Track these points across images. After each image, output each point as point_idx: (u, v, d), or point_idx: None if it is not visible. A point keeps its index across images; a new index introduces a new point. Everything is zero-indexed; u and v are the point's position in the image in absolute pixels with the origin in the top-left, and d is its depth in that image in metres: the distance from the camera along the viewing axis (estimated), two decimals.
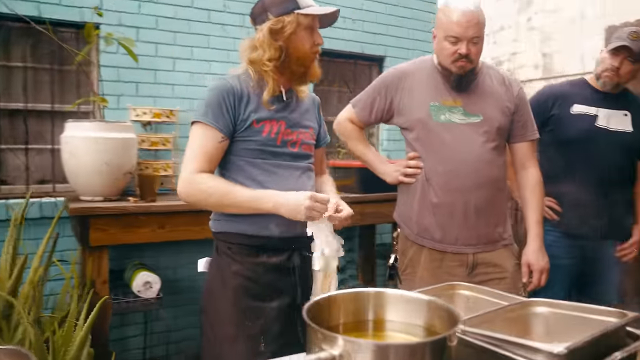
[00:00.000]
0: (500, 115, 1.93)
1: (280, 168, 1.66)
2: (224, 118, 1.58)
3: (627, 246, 2.32)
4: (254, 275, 1.63)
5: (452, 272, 1.91)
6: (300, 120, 1.72)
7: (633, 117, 2.31)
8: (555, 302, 1.39)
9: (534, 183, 2.01)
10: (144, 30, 3.01)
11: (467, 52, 1.83)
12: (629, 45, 2.17)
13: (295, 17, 1.59)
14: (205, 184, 1.56)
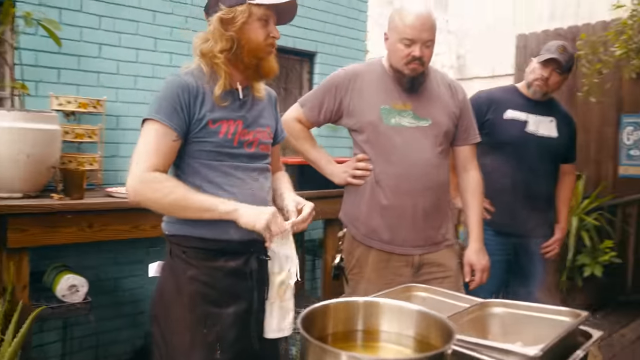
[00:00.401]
0: (447, 119, 2.00)
1: (238, 170, 1.60)
2: (178, 116, 1.50)
3: (551, 243, 2.52)
4: (211, 280, 1.56)
5: (398, 272, 1.96)
6: (257, 119, 1.67)
7: (558, 123, 2.50)
8: (510, 302, 1.47)
9: (475, 186, 2.09)
10: (68, 12, 2.77)
11: (421, 55, 1.87)
12: (557, 58, 2.34)
13: (248, 7, 1.53)
14: (161, 183, 1.46)
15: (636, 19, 3.77)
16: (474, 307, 1.42)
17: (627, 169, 4.68)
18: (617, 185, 4.74)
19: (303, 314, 0.91)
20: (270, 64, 1.62)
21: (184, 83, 1.53)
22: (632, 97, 4.68)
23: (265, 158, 1.71)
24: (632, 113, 4.66)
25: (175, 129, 1.49)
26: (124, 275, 2.99)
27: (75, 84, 2.82)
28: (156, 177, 1.46)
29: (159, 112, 1.49)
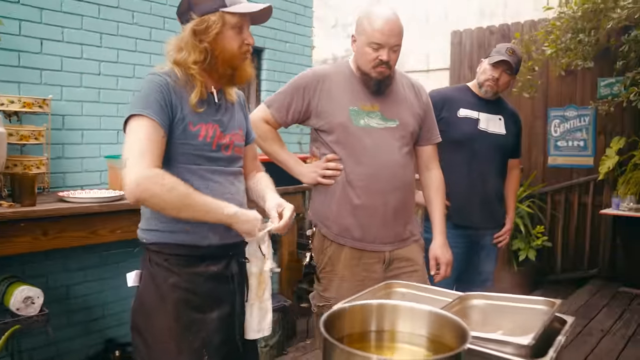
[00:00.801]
0: (413, 120, 2.06)
1: (215, 174, 1.60)
2: (164, 113, 1.48)
3: (502, 233, 2.67)
4: (193, 286, 1.55)
5: (370, 268, 2.01)
6: (231, 121, 1.67)
7: (505, 121, 2.65)
8: (488, 294, 1.56)
9: (438, 184, 2.18)
10: (4, 3, 2.58)
11: (388, 59, 1.91)
12: (508, 59, 2.48)
13: (221, 16, 1.50)
14: (164, 179, 1.41)
15: (564, 20, 4.05)
16: (455, 301, 1.50)
17: (555, 159, 5.03)
18: (546, 174, 5.09)
19: (324, 318, 0.94)
20: (246, 71, 1.62)
21: (165, 82, 1.50)
22: (558, 92, 5.02)
23: (239, 160, 1.71)
24: (558, 107, 5.01)
25: (163, 126, 1.47)
26: (76, 282, 2.86)
27: (16, 82, 2.64)
28: (158, 173, 1.42)
29: (147, 108, 1.45)
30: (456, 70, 5.76)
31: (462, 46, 5.70)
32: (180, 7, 1.56)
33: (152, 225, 1.57)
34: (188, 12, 1.51)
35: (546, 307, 1.45)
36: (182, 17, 1.55)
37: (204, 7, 1.50)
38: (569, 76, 4.81)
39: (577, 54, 4.05)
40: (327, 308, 2.02)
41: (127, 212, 2.44)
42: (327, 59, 8.21)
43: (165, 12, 3.24)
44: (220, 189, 1.59)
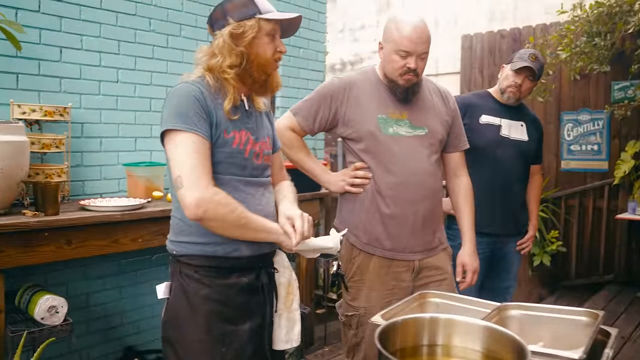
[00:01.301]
0: (441, 127, 2.05)
1: (248, 185, 1.59)
2: (206, 124, 1.48)
3: (525, 240, 2.65)
4: (224, 298, 1.55)
5: (399, 277, 2.00)
6: (261, 129, 1.67)
7: (527, 127, 2.64)
8: (526, 304, 1.53)
9: (466, 191, 2.17)
10: (25, 12, 2.58)
11: (416, 67, 1.90)
12: (530, 65, 2.47)
13: (257, 22, 1.52)
14: (225, 199, 1.45)
15: (578, 24, 4.03)
16: (493, 312, 1.48)
17: (568, 163, 5.01)
18: (559, 178, 5.06)
19: (378, 331, 0.93)
20: (276, 78, 1.63)
21: (198, 91, 1.50)
22: (571, 96, 5.00)
23: (269, 170, 1.71)
24: (571, 111, 4.99)
25: (207, 137, 1.48)
26: (95, 290, 2.85)
27: (36, 90, 2.64)
28: (217, 192, 1.44)
29: (188, 123, 1.45)
30: (467, 74, 5.74)
31: (472, 50, 5.69)
32: (213, 16, 1.56)
33: (182, 237, 1.57)
34: (223, 19, 1.52)
35: (588, 318, 1.43)
36: (216, 25, 1.55)
37: (240, 13, 1.52)
38: (582, 80, 4.79)
39: (591, 57, 4.03)
40: (355, 317, 2.01)
41: (147, 221, 2.43)
42: (335, 63, 8.21)
43: (181, 19, 3.24)
44: (253, 200, 1.58)
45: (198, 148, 1.44)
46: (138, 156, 3.02)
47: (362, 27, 7.95)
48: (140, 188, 2.77)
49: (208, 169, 1.46)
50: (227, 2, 1.56)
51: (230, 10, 1.53)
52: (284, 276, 1.70)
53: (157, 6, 3.11)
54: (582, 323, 1.41)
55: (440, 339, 1.04)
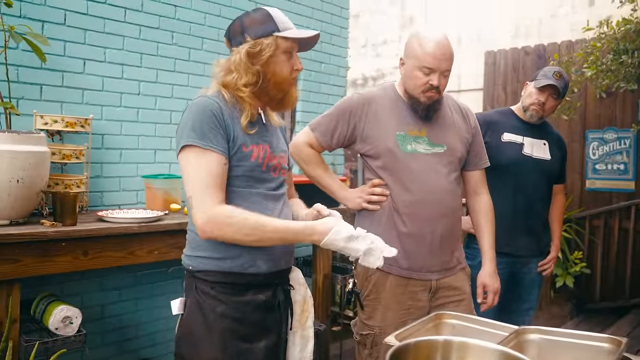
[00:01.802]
0: (461, 145, 2.01)
1: (267, 199, 1.58)
2: (222, 139, 1.47)
3: (547, 262, 2.58)
4: (240, 315, 1.53)
5: (416, 297, 1.96)
6: (278, 143, 1.67)
7: (550, 146, 2.58)
8: (545, 328, 1.48)
9: (487, 209, 2.12)
10: (51, 25, 2.63)
11: (438, 84, 1.87)
12: (554, 83, 2.42)
13: (275, 40, 1.51)
14: (232, 218, 1.41)
15: (604, 41, 3.96)
16: (511, 335, 1.43)
17: (593, 183, 4.89)
18: (584, 198, 4.95)
19: (390, 353, 0.90)
20: (293, 95, 1.61)
21: (217, 106, 1.50)
22: (596, 114, 4.91)
23: (284, 184, 1.69)
24: (597, 129, 4.89)
25: (224, 153, 1.47)
26: (110, 302, 2.85)
27: (59, 101, 2.68)
28: (223, 212, 1.42)
29: (204, 139, 1.44)
30: (490, 91, 5.68)
31: (496, 66, 5.63)
32: (232, 30, 1.56)
33: (198, 252, 1.55)
34: (241, 35, 1.51)
35: (610, 345, 1.37)
36: (233, 40, 1.55)
37: (258, 31, 1.50)
38: (608, 98, 4.70)
39: (618, 75, 3.95)
40: (370, 337, 1.97)
41: (164, 234, 2.43)
42: (357, 79, 8.22)
43: (203, 33, 3.27)
44: (273, 214, 1.55)
45: (211, 166, 1.44)
46: (157, 168, 3.04)
47: (384, 42, 7.96)
48: (158, 200, 2.78)
49: (219, 187, 1.45)
50: (246, 17, 1.55)
51: (248, 26, 1.52)
52: (299, 293, 1.69)
53: (180, 20, 3.15)
54: (604, 350, 1.36)
55: None
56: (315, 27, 4.04)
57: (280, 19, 1.53)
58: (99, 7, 2.81)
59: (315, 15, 4.03)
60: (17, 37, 2.27)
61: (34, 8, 2.58)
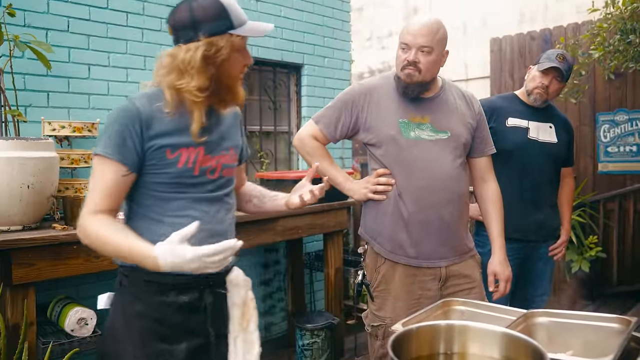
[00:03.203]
0: (465, 131, 2.00)
1: (198, 202, 1.46)
2: (127, 149, 1.35)
3: (558, 245, 2.56)
4: (160, 316, 1.43)
5: (425, 286, 1.95)
6: (220, 142, 1.51)
7: (556, 129, 2.55)
8: (554, 311, 1.47)
9: (495, 196, 2.09)
10: (55, 32, 2.67)
11: (414, 60, 1.85)
12: (558, 66, 2.39)
13: (229, 39, 1.36)
14: (93, 231, 1.33)
15: (611, 21, 3.90)
16: (519, 319, 1.43)
17: (605, 166, 4.83)
18: (597, 181, 4.89)
19: (392, 339, 0.90)
20: (240, 92, 1.48)
21: (134, 111, 1.36)
22: (606, 96, 4.84)
23: (228, 184, 1.57)
24: (607, 111, 4.83)
25: (126, 163, 1.35)
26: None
27: (66, 107, 2.72)
28: (93, 223, 1.33)
29: (106, 147, 1.35)
30: (497, 78, 5.63)
31: (502, 53, 5.58)
32: (178, 19, 1.37)
33: None
34: (192, 30, 1.34)
35: (619, 325, 1.36)
36: (182, 33, 1.36)
37: (212, 28, 1.34)
38: (618, 79, 4.63)
39: (626, 55, 3.88)
40: (381, 328, 1.97)
41: None
42: (363, 72, 8.19)
43: None
44: (205, 218, 1.44)
45: (106, 176, 1.36)
46: None
47: (389, 34, 7.92)
48: None
49: (108, 197, 1.36)
50: (196, 4, 1.36)
51: (200, 20, 1.34)
52: (238, 296, 1.56)
53: None
54: (613, 330, 1.35)
55: (457, 347, 1.00)
56: (317, 22, 4.04)
57: (235, 11, 1.39)
58: (101, 12, 2.85)
59: (316, 10, 4.03)
60: (21, 45, 2.31)
61: (37, 16, 2.62)
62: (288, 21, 3.84)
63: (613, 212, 4.73)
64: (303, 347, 3.18)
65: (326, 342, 3.19)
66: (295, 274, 3.77)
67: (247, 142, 3.44)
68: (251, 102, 3.79)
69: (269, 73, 3.90)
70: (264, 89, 3.89)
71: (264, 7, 3.66)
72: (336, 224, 3.37)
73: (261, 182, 3.36)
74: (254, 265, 3.71)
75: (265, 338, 3.78)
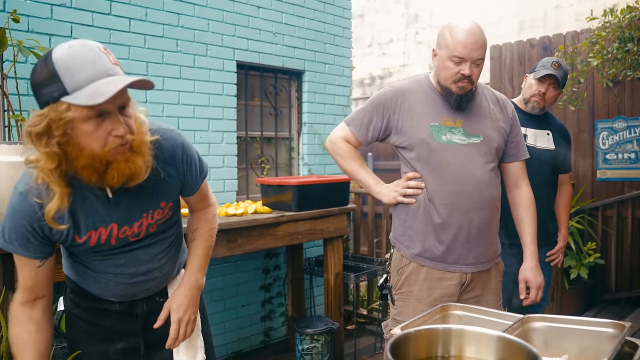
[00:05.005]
0: (497, 135, 1.98)
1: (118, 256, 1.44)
2: (34, 246, 1.31)
3: (555, 252, 2.58)
4: (94, 319, 1.54)
5: (448, 291, 1.94)
6: (139, 208, 1.39)
7: (554, 136, 2.58)
8: (550, 316, 1.49)
9: (528, 202, 2.08)
10: (58, 38, 2.71)
11: (470, 74, 1.84)
12: (554, 73, 2.42)
13: (66, 108, 1.10)
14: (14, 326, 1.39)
15: (609, 29, 3.94)
16: (516, 324, 1.45)
17: (604, 173, 4.85)
18: (595, 188, 4.91)
19: (390, 343, 0.92)
20: (130, 166, 1.22)
21: (30, 210, 1.26)
22: (605, 104, 4.87)
23: (166, 230, 1.52)
24: (606, 119, 4.85)
25: (37, 257, 1.34)
26: None
27: None
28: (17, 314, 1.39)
29: (12, 244, 1.30)
30: (496, 85, 5.66)
31: (501, 60, 5.61)
32: None
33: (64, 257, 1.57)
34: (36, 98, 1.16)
35: (614, 330, 1.38)
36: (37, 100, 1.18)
37: (43, 96, 1.12)
38: (616, 87, 4.66)
39: (625, 64, 3.92)
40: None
41: None
42: (364, 78, 8.24)
43: (207, 39, 3.33)
44: (125, 264, 1.45)
45: (22, 271, 1.36)
46: None
47: (390, 41, 7.97)
48: None
49: (30, 289, 1.37)
50: (33, 73, 1.16)
51: (36, 87, 1.14)
52: None
53: (184, 27, 3.20)
54: (608, 335, 1.36)
55: (454, 350, 1.02)
56: (318, 28, 4.08)
57: (70, 71, 1.10)
58: (104, 18, 2.88)
59: (317, 16, 4.07)
60: (25, 51, 2.34)
61: (41, 22, 2.65)
62: (289, 27, 3.88)
63: (611, 218, 4.75)
64: (303, 352, 3.20)
65: (326, 347, 3.21)
66: (295, 279, 3.78)
67: (246, 148, 3.44)
68: (252, 107, 3.82)
69: (270, 79, 3.93)
70: (265, 95, 3.92)
71: (266, 14, 3.70)
72: (336, 230, 3.39)
73: (262, 187, 3.38)
74: (254, 270, 3.72)
75: (265, 343, 3.80)
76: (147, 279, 1.51)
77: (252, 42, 3.62)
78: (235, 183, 3.56)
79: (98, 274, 1.46)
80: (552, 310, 4.15)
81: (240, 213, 2.97)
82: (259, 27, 3.66)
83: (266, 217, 2.98)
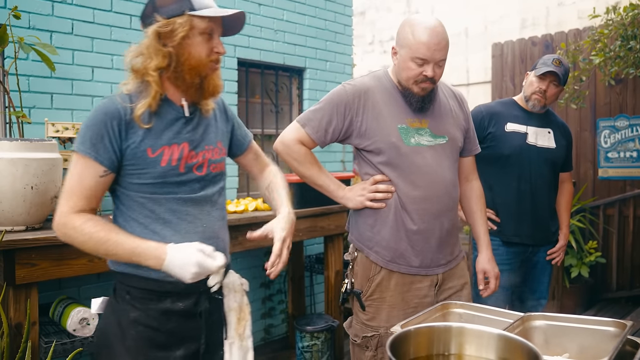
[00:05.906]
0: (460, 134, 1.95)
1: (187, 204, 1.45)
2: (105, 148, 1.35)
3: (556, 250, 2.58)
4: (156, 323, 1.43)
5: (421, 293, 1.90)
6: (205, 136, 1.51)
7: (555, 134, 2.57)
8: (551, 314, 1.49)
9: (479, 195, 2.08)
10: (59, 34, 2.70)
11: (433, 75, 1.77)
12: (554, 70, 2.41)
13: (189, 20, 1.36)
14: (79, 228, 1.34)
15: (612, 27, 3.92)
16: (516, 322, 1.44)
17: (606, 171, 4.85)
18: (597, 187, 4.90)
19: (390, 341, 0.92)
20: (215, 82, 1.48)
21: (113, 109, 1.36)
22: (607, 102, 4.86)
23: (218, 181, 1.56)
24: (608, 117, 4.84)
25: (103, 163, 1.35)
26: None
27: (70, 109, 2.75)
28: (77, 221, 1.34)
29: (83, 144, 1.35)
30: (498, 83, 5.65)
31: (503, 58, 5.60)
32: (145, 11, 1.42)
33: None
34: (152, 15, 1.38)
35: (615, 328, 1.37)
36: (146, 21, 1.41)
37: (169, 10, 1.36)
38: (618, 85, 4.65)
39: (627, 62, 3.90)
40: (375, 338, 1.89)
41: None
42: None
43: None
44: (193, 220, 1.46)
45: (82, 175, 1.36)
46: None
47: (391, 38, 7.94)
48: None
49: (85, 197, 1.36)
50: None
51: (160, 5, 1.38)
52: (234, 300, 1.57)
53: None
54: (609, 334, 1.36)
55: (454, 348, 1.02)
56: (319, 26, 4.07)
57: None
58: (105, 15, 2.87)
59: (318, 13, 4.06)
60: (26, 47, 2.34)
61: (42, 19, 2.64)
62: (290, 25, 3.87)
63: (613, 217, 4.74)
64: (303, 350, 3.20)
65: (326, 345, 3.21)
66: (296, 276, 3.79)
67: None
68: (253, 105, 3.82)
69: (271, 76, 3.92)
70: (266, 92, 3.91)
71: (266, 11, 3.69)
72: (336, 227, 3.39)
73: None
74: (254, 267, 3.72)
75: (265, 340, 3.80)
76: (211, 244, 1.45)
77: (253, 39, 3.61)
78: (235, 180, 3.56)
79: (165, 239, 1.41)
80: (552, 309, 4.15)
81: (240, 210, 2.96)
82: (260, 25, 3.66)
83: (266, 215, 2.98)
